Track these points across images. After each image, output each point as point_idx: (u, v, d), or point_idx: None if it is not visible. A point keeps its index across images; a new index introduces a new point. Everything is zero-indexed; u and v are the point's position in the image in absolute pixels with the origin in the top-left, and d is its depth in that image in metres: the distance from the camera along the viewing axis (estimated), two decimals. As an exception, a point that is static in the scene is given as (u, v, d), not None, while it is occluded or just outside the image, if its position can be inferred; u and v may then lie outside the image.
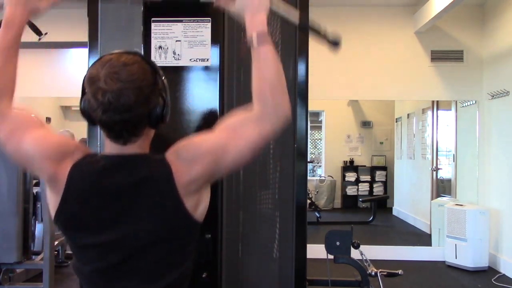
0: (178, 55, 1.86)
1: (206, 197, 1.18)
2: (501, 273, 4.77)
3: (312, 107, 2.55)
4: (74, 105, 7.67)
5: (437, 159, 6.83)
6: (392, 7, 5.36)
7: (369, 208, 8.02)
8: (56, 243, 3.82)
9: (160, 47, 1.87)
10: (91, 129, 1.91)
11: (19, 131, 1.16)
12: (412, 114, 7.79)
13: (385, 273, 2.36)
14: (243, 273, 2.01)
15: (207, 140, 1.15)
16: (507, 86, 4.76)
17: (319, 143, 10.18)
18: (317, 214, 7.64)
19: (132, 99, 1.06)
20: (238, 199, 1.98)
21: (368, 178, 9.24)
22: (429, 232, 6.33)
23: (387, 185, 9.10)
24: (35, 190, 3.61)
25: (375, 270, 2.35)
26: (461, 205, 5.06)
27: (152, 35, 1.87)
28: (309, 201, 7.62)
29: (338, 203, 9.30)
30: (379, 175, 9.23)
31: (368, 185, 9.23)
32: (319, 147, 10.19)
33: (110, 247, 1.12)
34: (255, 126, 1.13)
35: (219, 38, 1.86)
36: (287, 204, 2.03)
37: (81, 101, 1.13)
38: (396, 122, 8.66)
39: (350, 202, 9.23)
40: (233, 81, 1.92)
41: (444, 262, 5.15)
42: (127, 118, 1.07)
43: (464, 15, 5.26)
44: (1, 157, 3.21)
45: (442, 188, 6.82)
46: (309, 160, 7.62)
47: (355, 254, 2.37)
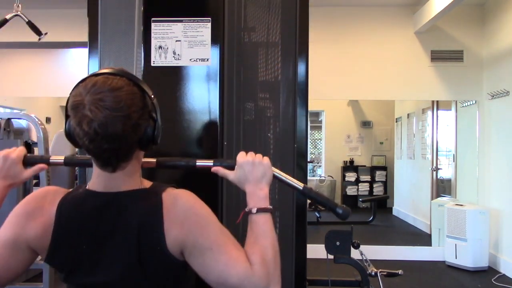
0: (178, 55, 1.86)
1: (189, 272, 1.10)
2: (501, 273, 4.77)
3: (312, 107, 2.55)
4: (74, 105, 7.64)
5: (437, 159, 6.83)
6: (392, 7, 5.36)
7: (369, 208, 8.02)
8: (56, 243, 3.80)
9: (160, 47, 1.87)
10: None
11: None
12: (412, 114, 7.79)
13: (385, 273, 2.36)
14: (243, 273, 2.00)
15: (209, 224, 1.08)
16: (507, 86, 4.76)
17: (319, 143, 10.18)
18: (317, 214, 7.64)
19: (120, 128, 0.98)
20: (238, 199, 1.98)
21: (368, 178, 9.25)
22: (429, 232, 6.33)
23: (387, 185, 9.10)
24: (35, 190, 3.61)
25: (375, 270, 2.34)
26: (461, 205, 5.06)
27: (152, 35, 1.87)
28: (309, 201, 7.60)
29: (338, 203, 9.29)
30: (379, 175, 9.24)
31: (368, 185, 9.23)
32: (319, 147, 10.19)
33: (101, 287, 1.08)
34: (242, 276, 1.05)
35: (219, 38, 1.86)
36: (287, 204, 2.03)
37: (66, 123, 1.05)
38: (396, 122, 8.66)
39: (350, 202, 9.22)
40: (233, 81, 1.92)
41: (444, 262, 5.15)
42: (116, 147, 1.01)
43: (464, 15, 5.26)
44: (1, 157, 3.21)
45: (442, 188, 6.82)
46: (309, 160, 7.63)
47: (355, 254, 2.37)
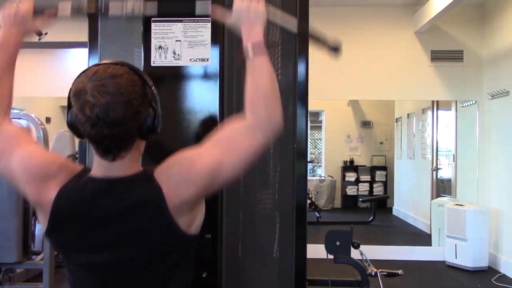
0: (178, 55, 1.86)
1: (200, 212, 1.15)
2: (501, 273, 4.77)
3: (312, 107, 2.55)
4: (74, 105, 7.64)
5: (437, 159, 6.83)
6: (392, 7, 5.36)
7: (369, 208, 8.02)
8: (56, 243, 3.81)
9: (160, 47, 1.87)
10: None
11: (8, 150, 1.14)
12: (412, 114, 7.79)
13: (385, 273, 2.36)
14: (243, 273, 2.01)
15: (200, 159, 1.09)
16: (507, 86, 4.76)
17: (319, 143, 10.19)
18: (317, 214, 7.64)
19: (121, 114, 1.01)
20: (238, 199, 1.98)
21: (368, 178, 9.25)
22: (429, 232, 6.33)
23: (387, 185, 9.11)
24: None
25: (375, 270, 2.35)
26: (461, 205, 5.06)
27: (152, 35, 1.87)
28: (309, 201, 7.62)
29: (338, 203, 9.31)
30: (379, 175, 9.24)
31: (368, 185, 9.23)
32: (319, 147, 10.19)
33: (102, 268, 1.10)
34: (247, 138, 1.11)
35: (219, 38, 1.86)
36: (287, 204, 2.03)
37: (68, 114, 1.09)
38: (396, 122, 8.66)
39: (350, 202, 9.23)
40: (233, 81, 1.92)
41: (444, 262, 5.15)
42: (116, 132, 1.02)
43: (464, 15, 5.26)
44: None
45: (442, 188, 6.82)
46: (309, 160, 7.64)
47: (355, 254, 2.37)
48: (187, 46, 1.86)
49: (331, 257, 2.36)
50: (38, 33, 1.34)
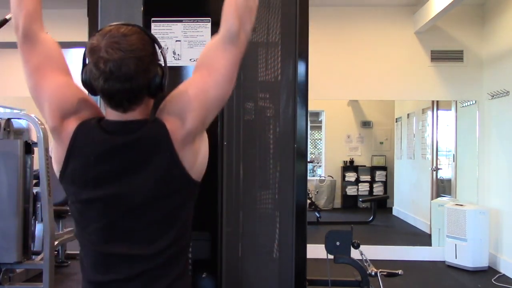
0: (178, 55, 1.86)
1: (204, 146, 1.21)
2: (501, 273, 4.77)
3: (312, 107, 2.56)
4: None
5: (437, 159, 6.83)
6: (392, 7, 5.36)
7: (369, 208, 8.01)
8: (56, 243, 3.82)
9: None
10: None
11: (44, 69, 1.20)
12: (412, 114, 7.79)
13: (385, 273, 2.36)
14: (243, 273, 2.01)
15: (189, 87, 1.18)
16: (507, 86, 4.76)
17: (319, 143, 10.18)
18: (317, 214, 7.64)
19: (132, 69, 1.08)
20: (238, 199, 1.98)
21: (368, 178, 9.24)
22: (429, 232, 6.33)
23: (387, 185, 9.10)
24: (35, 190, 3.61)
25: (375, 270, 2.35)
26: (461, 205, 5.06)
27: (152, 35, 1.86)
28: (309, 201, 7.62)
29: (338, 203, 9.30)
30: (379, 175, 9.23)
31: (368, 185, 9.23)
32: (319, 147, 10.19)
33: (109, 202, 1.15)
34: (224, 52, 1.18)
35: (219, 38, 1.86)
36: (287, 204, 2.03)
37: (82, 72, 1.16)
38: (396, 122, 8.66)
39: (350, 202, 9.23)
40: (233, 81, 1.92)
41: (444, 262, 5.15)
42: (127, 87, 1.10)
43: (464, 15, 5.26)
44: (1, 157, 3.22)
45: (442, 188, 6.82)
46: (309, 160, 7.64)
47: (355, 254, 2.37)
48: (187, 46, 1.86)
49: (331, 257, 2.36)
50: None
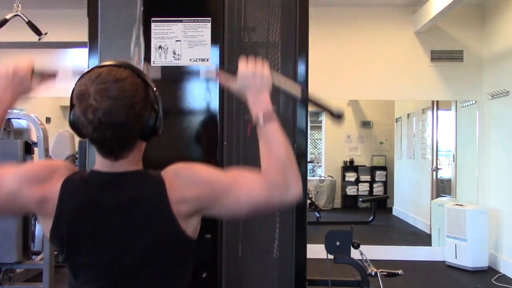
0: (178, 55, 1.86)
1: (195, 226, 1.14)
2: (501, 273, 4.77)
3: (312, 107, 2.55)
4: (74, 105, 7.64)
5: (437, 159, 6.83)
6: (392, 7, 5.36)
7: (369, 208, 8.02)
8: (56, 243, 3.81)
9: (160, 47, 1.87)
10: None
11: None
12: (412, 114, 7.79)
13: (385, 273, 2.36)
14: (243, 273, 2.01)
15: (212, 173, 1.13)
16: (507, 86, 4.76)
17: (319, 143, 10.19)
18: (317, 214, 7.64)
19: (123, 117, 1.03)
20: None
21: (368, 178, 9.24)
22: (429, 232, 6.33)
23: (387, 185, 9.10)
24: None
25: (375, 270, 2.34)
26: (461, 205, 5.06)
27: (152, 35, 1.87)
28: (309, 201, 7.62)
29: (338, 203, 9.30)
30: (379, 175, 9.24)
31: (368, 185, 9.23)
32: (319, 147, 10.19)
33: (104, 267, 1.10)
34: (265, 190, 1.10)
35: (219, 38, 1.86)
36: (287, 204, 2.03)
37: (70, 114, 1.09)
38: (396, 122, 8.66)
39: (350, 202, 9.23)
40: (233, 81, 1.92)
41: (444, 262, 5.15)
42: (119, 135, 1.05)
43: (464, 15, 5.26)
44: (1, 157, 3.21)
45: (442, 188, 6.82)
46: (309, 160, 7.64)
47: (355, 254, 2.37)
48: (187, 46, 1.86)
49: (331, 257, 2.36)
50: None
